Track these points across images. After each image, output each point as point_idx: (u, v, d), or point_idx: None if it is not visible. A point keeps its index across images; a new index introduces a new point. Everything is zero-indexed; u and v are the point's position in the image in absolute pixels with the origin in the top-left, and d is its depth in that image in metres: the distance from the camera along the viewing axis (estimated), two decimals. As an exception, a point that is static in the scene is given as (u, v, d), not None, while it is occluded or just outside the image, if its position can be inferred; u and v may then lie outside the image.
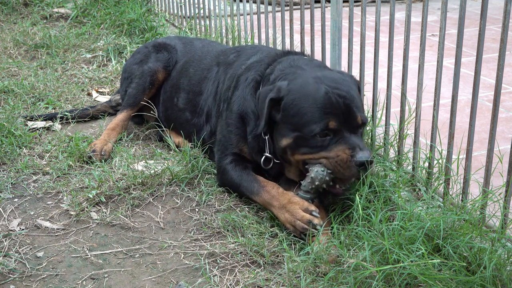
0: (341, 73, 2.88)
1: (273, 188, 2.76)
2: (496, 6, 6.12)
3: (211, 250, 2.59)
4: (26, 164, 3.31)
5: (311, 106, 2.62)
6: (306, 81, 2.70)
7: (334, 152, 2.60)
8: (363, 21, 2.95)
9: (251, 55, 3.21)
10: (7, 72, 4.77)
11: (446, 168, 2.67)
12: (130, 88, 3.72)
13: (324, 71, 2.82)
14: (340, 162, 2.58)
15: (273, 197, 2.72)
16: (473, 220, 2.37)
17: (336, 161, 2.59)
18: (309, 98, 2.64)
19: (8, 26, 6.03)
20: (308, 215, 2.56)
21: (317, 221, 2.54)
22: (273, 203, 2.70)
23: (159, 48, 3.79)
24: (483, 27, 2.36)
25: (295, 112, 2.65)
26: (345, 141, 2.60)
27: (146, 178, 3.12)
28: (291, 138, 2.68)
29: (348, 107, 2.62)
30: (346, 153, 2.58)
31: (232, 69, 3.21)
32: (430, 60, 4.52)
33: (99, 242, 2.70)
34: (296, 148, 2.69)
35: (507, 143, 3.42)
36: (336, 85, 2.67)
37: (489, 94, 4.13)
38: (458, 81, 2.56)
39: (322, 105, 2.61)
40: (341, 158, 2.58)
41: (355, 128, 2.64)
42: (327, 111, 2.60)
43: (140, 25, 5.51)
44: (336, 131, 2.60)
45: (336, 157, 2.59)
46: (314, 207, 2.60)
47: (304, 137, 2.64)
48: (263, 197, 2.76)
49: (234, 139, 2.99)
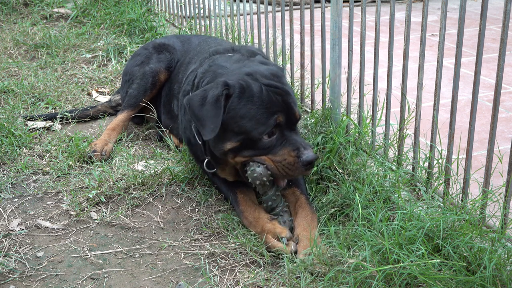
0: (267, 64, 2.85)
1: (250, 214, 2.71)
2: (496, 6, 6.12)
3: (211, 250, 2.59)
4: (26, 164, 3.31)
5: (259, 107, 2.58)
6: (243, 79, 2.65)
7: (280, 156, 2.60)
8: (363, 21, 2.95)
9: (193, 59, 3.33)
10: (7, 72, 4.77)
11: (446, 168, 2.67)
12: (131, 88, 3.71)
13: (250, 64, 2.79)
14: (287, 165, 2.60)
15: (251, 223, 2.69)
16: (473, 220, 2.37)
17: (284, 164, 2.60)
18: (254, 98, 2.60)
19: (8, 26, 6.03)
20: (279, 244, 2.52)
21: (287, 250, 2.49)
22: (252, 229, 2.68)
23: (160, 49, 3.77)
24: (483, 27, 2.36)
25: (243, 114, 2.59)
26: (289, 142, 2.60)
27: (146, 178, 3.12)
28: (237, 141, 2.62)
29: (286, 103, 2.63)
30: (292, 156, 2.59)
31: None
32: (430, 60, 4.52)
33: (99, 242, 2.70)
34: (240, 151, 2.64)
35: (507, 143, 3.42)
36: (270, 81, 2.66)
37: (489, 94, 4.13)
38: (458, 81, 2.56)
39: (267, 104, 2.59)
40: (288, 161, 2.59)
41: (294, 124, 2.66)
42: (272, 110, 2.59)
43: (140, 25, 5.51)
44: (281, 129, 2.61)
45: (283, 161, 2.60)
46: (285, 232, 2.55)
47: (251, 139, 2.60)
48: (244, 222, 2.74)
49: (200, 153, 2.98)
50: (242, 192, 2.82)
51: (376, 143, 3.06)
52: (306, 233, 2.54)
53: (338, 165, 2.94)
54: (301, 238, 2.53)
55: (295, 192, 2.79)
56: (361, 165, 2.87)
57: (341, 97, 3.23)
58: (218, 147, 2.68)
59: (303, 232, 2.56)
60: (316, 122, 3.22)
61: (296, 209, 2.70)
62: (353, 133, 3.12)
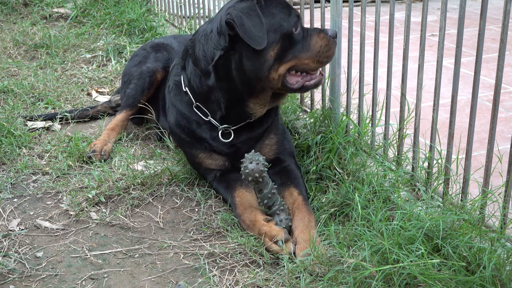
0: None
1: (246, 217, 2.71)
2: (496, 6, 6.12)
3: (211, 250, 2.59)
4: (26, 164, 3.31)
5: (280, 6, 2.75)
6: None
7: (316, 45, 2.78)
8: (363, 21, 2.94)
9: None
10: (7, 72, 4.77)
11: (446, 168, 2.67)
12: (129, 88, 3.70)
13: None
14: (325, 48, 2.79)
15: (248, 227, 2.69)
16: (472, 220, 2.37)
17: (323, 50, 2.78)
18: (272, 1, 2.76)
19: (8, 26, 6.03)
20: (276, 246, 2.52)
21: (284, 252, 2.49)
22: (250, 232, 2.68)
23: (158, 48, 3.76)
24: (483, 27, 2.36)
25: (272, 13, 2.72)
26: (309, 31, 2.81)
27: (146, 178, 3.12)
28: (277, 42, 2.70)
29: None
30: (322, 37, 2.80)
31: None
32: (430, 60, 4.52)
33: (99, 242, 2.70)
34: (283, 56, 2.72)
35: (506, 143, 3.42)
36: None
37: (488, 94, 4.13)
38: (457, 81, 2.56)
39: (282, 2, 2.79)
40: (324, 44, 2.79)
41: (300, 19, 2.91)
42: (289, 6, 2.80)
43: (139, 25, 5.51)
44: (298, 22, 2.81)
45: (320, 48, 2.78)
46: (280, 234, 2.54)
47: (286, 35, 2.71)
48: (242, 225, 2.73)
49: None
50: (240, 194, 2.83)
51: (376, 143, 3.06)
52: (304, 235, 2.53)
53: (338, 165, 2.94)
54: (299, 240, 2.52)
55: (292, 193, 2.79)
56: (360, 165, 2.87)
57: (340, 97, 3.23)
58: (260, 62, 2.70)
59: (300, 234, 2.55)
60: (316, 121, 3.22)
61: (293, 210, 2.70)
62: (352, 133, 3.12)
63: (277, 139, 3.02)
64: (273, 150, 3.00)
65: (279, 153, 3.00)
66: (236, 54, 2.70)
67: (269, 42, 2.66)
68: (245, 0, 2.71)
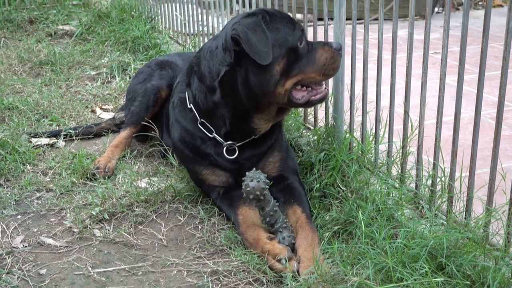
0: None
1: (249, 235, 2.70)
2: (498, 23, 6.15)
3: (214, 268, 2.58)
4: (30, 180, 3.32)
5: (284, 21, 2.77)
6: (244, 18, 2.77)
7: (321, 58, 2.79)
8: (366, 38, 2.96)
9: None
10: (12, 89, 4.80)
11: (449, 185, 2.67)
12: (133, 106, 3.71)
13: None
14: (330, 60, 2.80)
15: (251, 245, 2.68)
16: (476, 238, 2.36)
17: (328, 62, 2.79)
18: (276, 16, 2.78)
19: (13, 43, 6.07)
20: (279, 265, 2.51)
21: (288, 270, 2.47)
22: (253, 250, 2.67)
23: (163, 65, 3.77)
24: (485, 45, 2.37)
25: (277, 28, 2.74)
26: (314, 44, 2.84)
27: (149, 195, 3.12)
28: (282, 57, 2.71)
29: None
30: (327, 50, 2.81)
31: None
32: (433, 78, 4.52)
33: (102, 260, 2.70)
34: (289, 71, 2.73)
35: (510, 160, 3.42)
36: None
37: (492, 112, 4.13)
38: (460, 98, 2.56)
39: (286, 17, 2.82)
40: (329, 56, 2.80)
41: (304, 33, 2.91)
42: (292, 20, 2.83)
43: (144, 42, 5.54)
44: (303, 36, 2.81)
45: (325, 60, 2.79)
46: (283, 252, 2.52)
47: (291, 49, 2.72)
48: (245, 243, 2.72)
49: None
50: (243, 212, 2.82)
51: (379, 160, 3.06)
52: (307, 253, 2.52)
53: (341, 183, 2.94)
54: (302, 259, 2.51)
55: (296, 211, 2.78)
56: (364, 182, 2.86)
57: (344, 114, 3.23)
58: (266, 78, 2.71)
59: (304, 252, 2.54)
60: (319, 139, 3.23)
61: (296, 229, 2.69)
62: (356, 150, 3.12)
63: (280, 156, 3.03)
64: (277, 168, 3.01)
65: (283, 170, 3.01)
66: (241, 70, 2.72)
67: (274, 57, 2.67)
68: (250, 16, 2.74)
